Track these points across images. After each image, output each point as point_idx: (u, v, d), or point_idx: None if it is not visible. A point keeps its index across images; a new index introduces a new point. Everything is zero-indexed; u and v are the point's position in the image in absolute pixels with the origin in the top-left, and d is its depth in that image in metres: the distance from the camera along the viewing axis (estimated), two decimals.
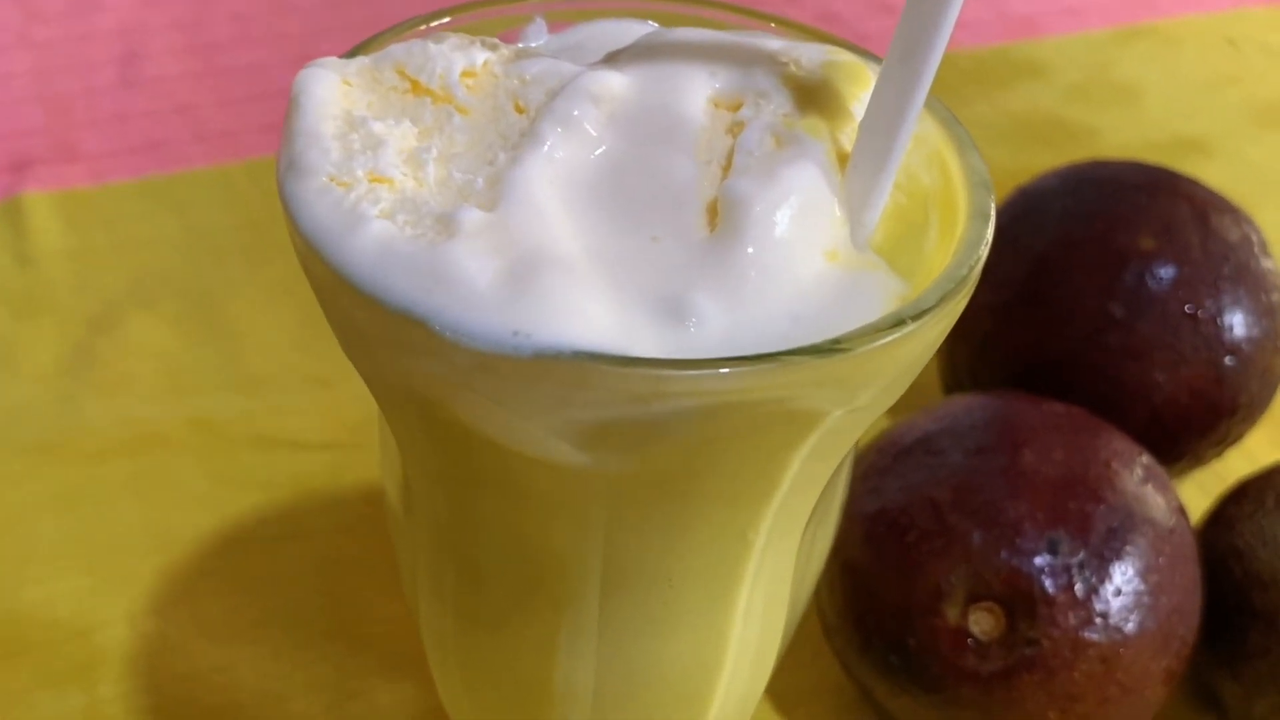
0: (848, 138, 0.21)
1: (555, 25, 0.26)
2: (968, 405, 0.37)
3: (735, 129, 0.22)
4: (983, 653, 0.33)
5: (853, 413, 0.20)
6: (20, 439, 0.46)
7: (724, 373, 0.18)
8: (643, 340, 0.19)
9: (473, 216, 0.19)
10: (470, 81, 0.22)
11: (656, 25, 0.26)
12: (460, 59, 0.22)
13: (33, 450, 0.46)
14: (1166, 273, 0.41)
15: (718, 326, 0.19)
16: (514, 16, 0.26)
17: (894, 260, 0.21)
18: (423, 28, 0.24)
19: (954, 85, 0.70)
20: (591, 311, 0.19)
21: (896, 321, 0.19)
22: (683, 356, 0.18)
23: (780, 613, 0.25)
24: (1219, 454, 0.45)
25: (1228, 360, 0.42)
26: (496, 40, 0.24)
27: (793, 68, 0.23)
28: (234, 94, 0.64)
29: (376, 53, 0.23)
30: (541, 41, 0.26)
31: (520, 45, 0.25)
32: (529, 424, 0.19)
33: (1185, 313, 0.41)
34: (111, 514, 0.44)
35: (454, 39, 0.23)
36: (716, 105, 0.22)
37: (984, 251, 0.21)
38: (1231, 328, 0.42)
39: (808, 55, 0.23)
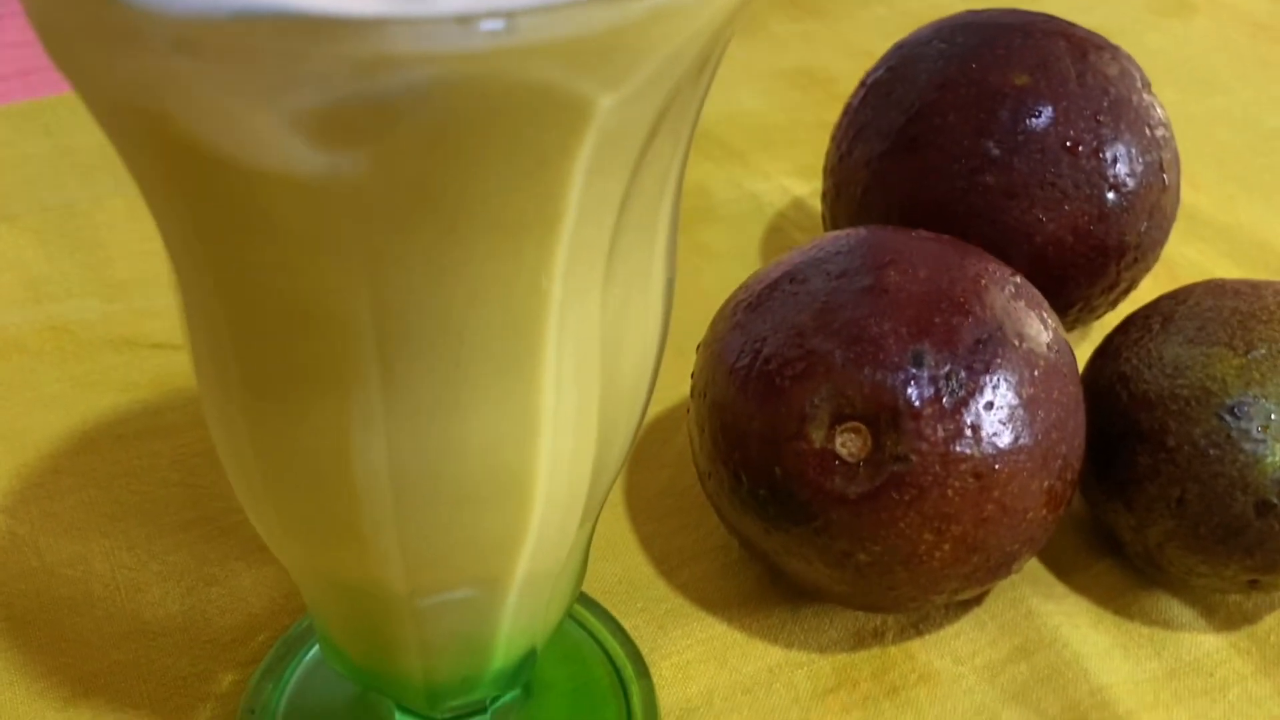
0: None
1: None
2: (835, 238, 0.35)
3: None
4: (851, 474, 0.32)
5: (624, 105, 0.18)
6: None
7: (455, 25, 0.16)
8: (367, 3, 0.17)
9: None
10: None
11: None
12: None
13: None
14: (1043, 108, 0.40)
15: None
16: None
17: None
18: None
19: None
20: None
21: None
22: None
23: (593, 387, 0.24)
24: (1112, 305, 0.44)
25: (1111, 196, 0.40)
26: None
27: None
28: None
29: None
30: None
31: None
32: (253, 114, 0.17)
33: (1064, 148, 0.40)
34: None
35: None
36: None
37: None
38: (1114, 162, 0.40)
39: None
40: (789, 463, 0.32)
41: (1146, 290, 0.43)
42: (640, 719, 0.34)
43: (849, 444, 0.32)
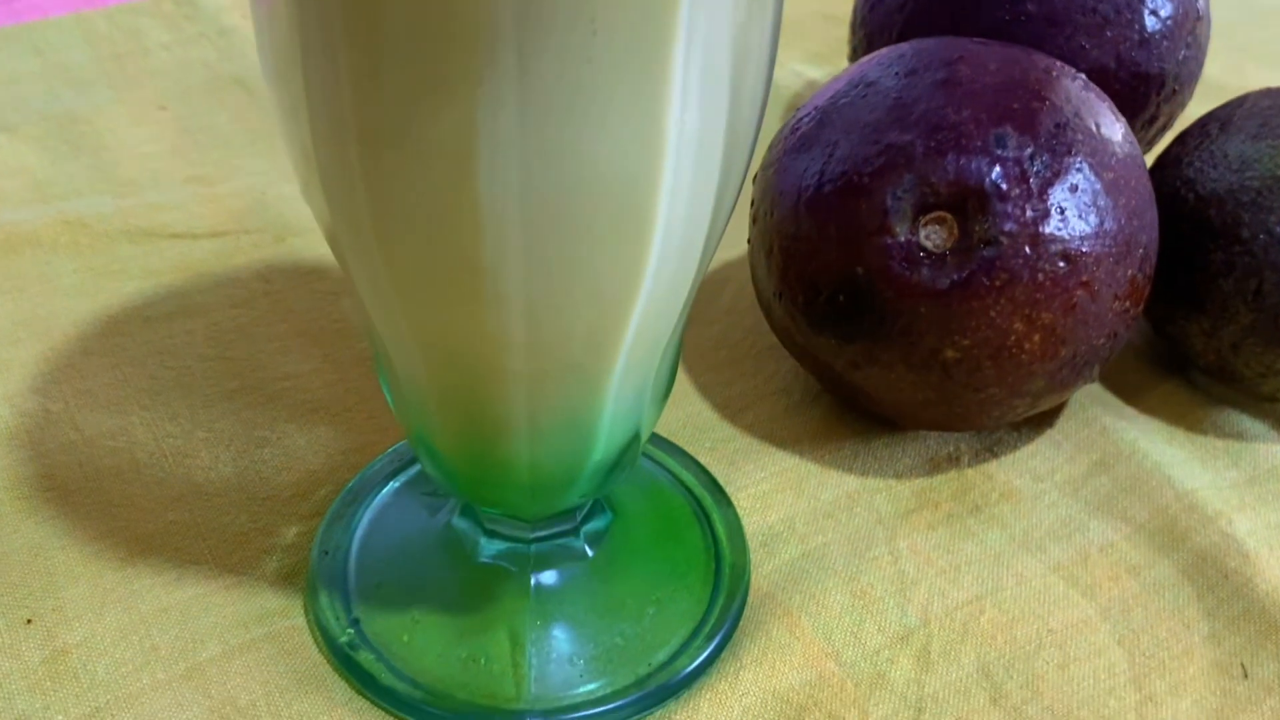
0: None
1: None
2: (894, 49, 0.35)
3: None
4: (938, 265, 0.31)
5: None
6: None
7: None
8: None
9: None
10: None
11: None
12: None
13: None
14: None
15: None
16: None
17: None
18: None
19: None
20: None
21: None
22: None
23: (720, 103, 0.23)
24: (1149, 144, 0.43)
25: (1150, 22, 0.40)
26: None
27: None
28: None
29: None
30: None
31: None
32: None
33: None
34: None
35: None
36: None
37: None
38: None
39: None
40: (871, 260, 0.31)
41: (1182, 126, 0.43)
42: (725, 543, 0.33)
43: (934, 235, 0.31)
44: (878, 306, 0.32)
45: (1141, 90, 0.41)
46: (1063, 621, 0.32)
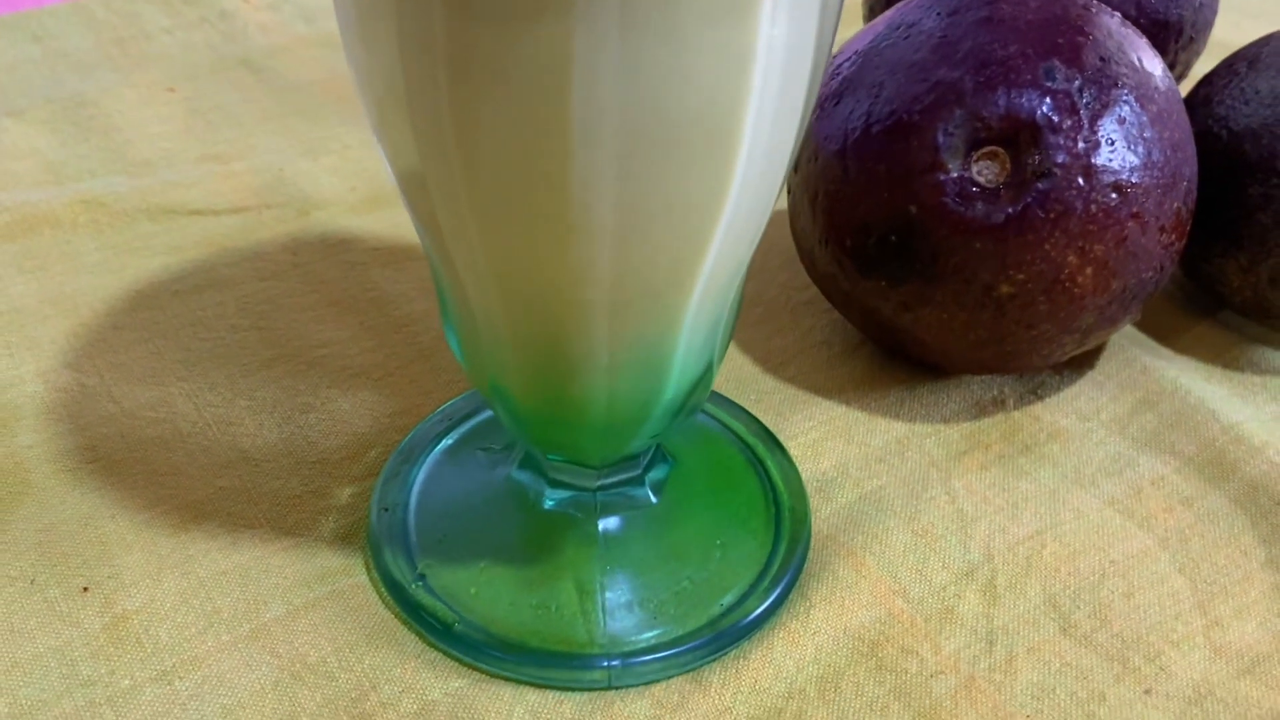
0: None
1: None
2: None
3: None
4: (992, 199, 0.31)
5: None
6: None
7: None
8: None
9: None
10: None
11: None
12: None
13: None
14: None
15: None
16: None
17: None
18: None
19: None
20: None
21: None
22: None
23: (808, 13, 0.22)
24: None
25: None
26: None
27: None
28: None
29: None
30: None
31: None
32: None
33: None
34: (2, 290, 0.39)
35: None
36: None
37: None
38: None
39: None
40: (925, 198, 0.31)
41: (1196, 76, 0.44)
42: (782, 489, 0.33)
43: (986, 170, 0.31)
44: (931, 245, 0.32)
45: (1161, 37, 0.41)
46: (1123, 552, 0.32)
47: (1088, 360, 0.37)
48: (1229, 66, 0.37)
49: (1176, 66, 0.43)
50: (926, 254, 0.32)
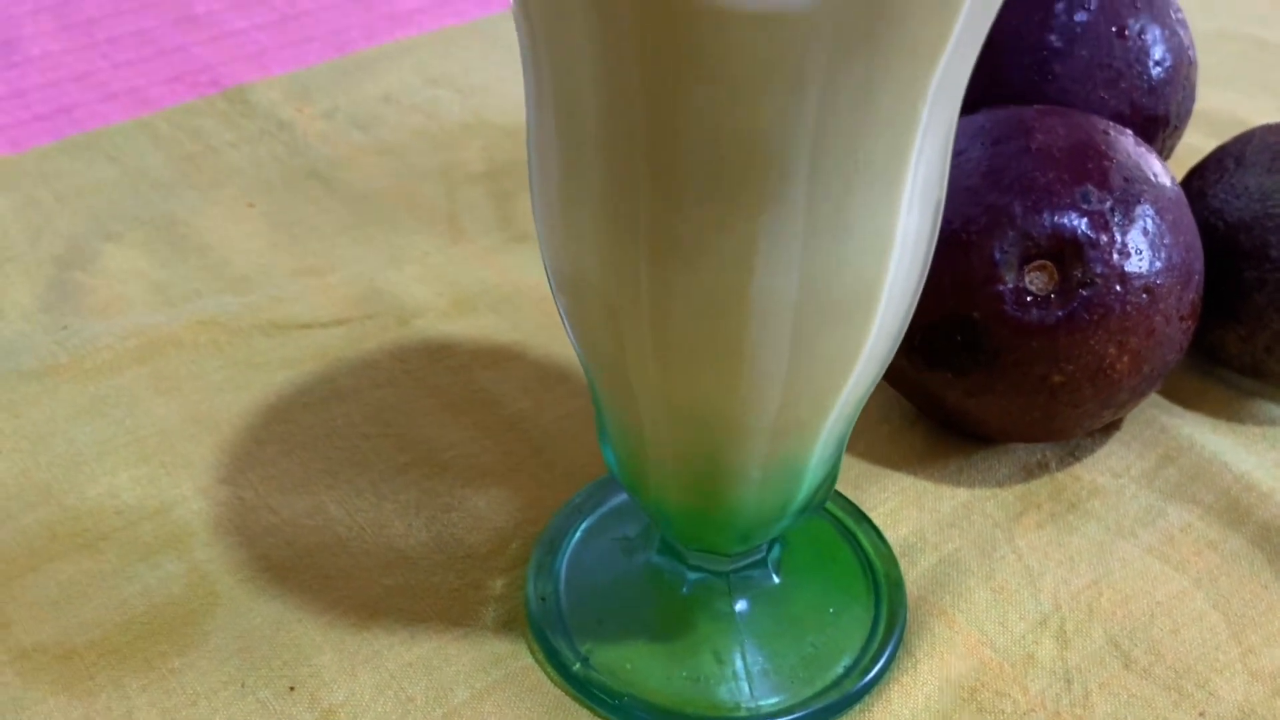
0: None
1: None
2: (972, 119, 0.40)
3: None
4: (1044, 305, 0.37)
5: None
6: (24, 367, 0.45)
7: None
8: None
9: None
10: None
11: None
12: None
13: (44, 374, 0.45)
14: (1091, 2, 0.46)
15: None
16: None
17: None
18: None
19: None
20: None
21: None
22: None
23: (930, 207, 0.28)
24: None
25: (1156, 72, 0.46)
26: None
27: None
28: (127, 58, 0.64)
29: None
30: None
31: None
32: None
33: (1114, 34, 0.46)
34: (145, 412, 0.44)
35: None
36: None
37: None
38: (1153, 43, 0.46)
39: None
40: (985, 305, 0.37)
41: (1176, 162, 0.50)
42: (874, 557, 0.38)
43: (1038, 280, 0.37)
44: (993, 344, 0.37)
45: (1150, 130, 0.47)
46: (1166, 594, 0.38)
47: (1115, 423, 0.43)
48: (1219, 161, 0.43)
49: (1164, 151, 0.49)
50: (989, 351, 0.37)
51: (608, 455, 0.34)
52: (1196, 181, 0.44)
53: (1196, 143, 0.56)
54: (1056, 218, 0.37)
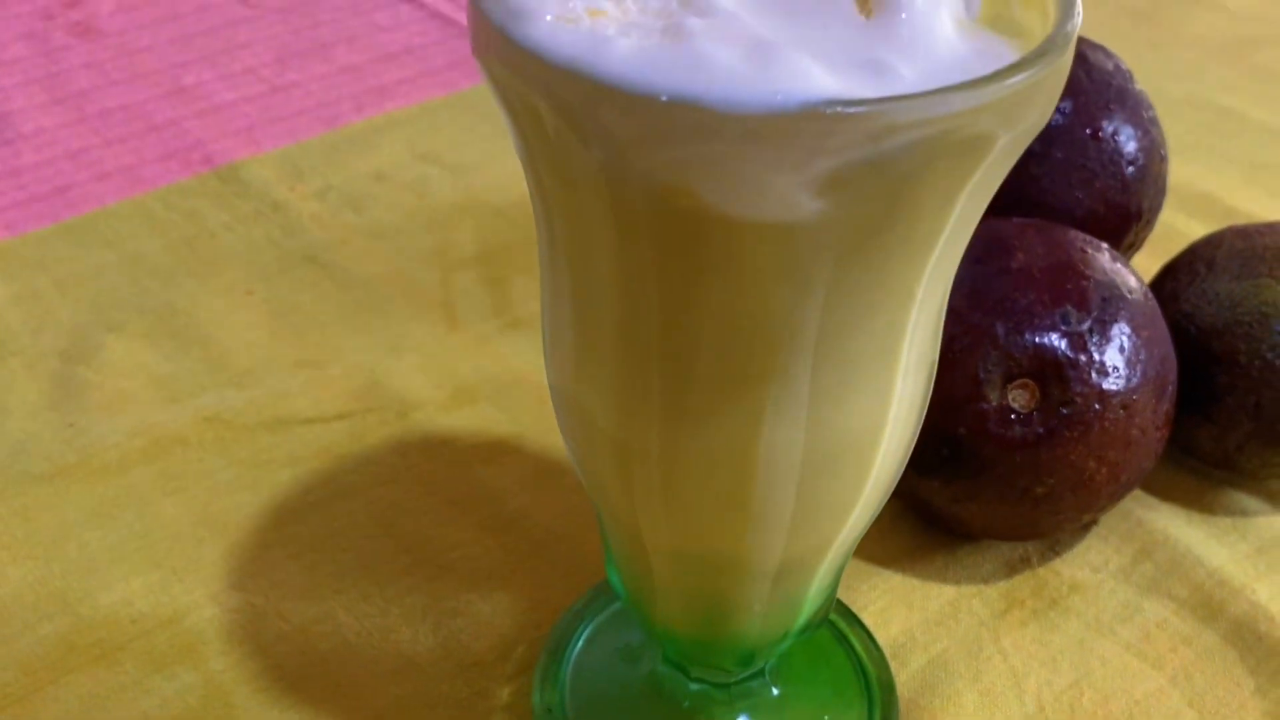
0: None
1: None
2: None
3: None
4: (1026, 422, 0.38)
5: (1014, 139, 0.25)
6: (33, 469, 0.46)
7: (946, 98, 0.22)
8: (865, 93, 0.23)
9: (695, 22, 0.23)
10: None
11: None
12: None
13: (53, 476, 0.46)
14: (1066, 105, 0.48)
15: (909, 77, 0.23)
16: None
17: (996, 29, 0.26)
18: None
19: None
20: (820, 75, 0.23)
21: (1048, 49, 0.24)
22: None
23: (924, 370, 0.30)
24: (1129, 257, 0.52)
25: (1129, 170, 0.48)
26: None
27: None
28: (118, 134, 0.65)
29: None
30: None
31: None
32: (779, 180, 0.23)
33: (1089, 136, 0.48)
34: (154, 514, 0.45)
35: None
36: None
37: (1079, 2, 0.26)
38: (1126, 143, 0.48)
39: None
40: (971, 422, 0.39)
41: (1150, 244, 0.52)
42: (866, 660, 0.40)
43: (1020, 398, 0.39)
44: (978, 458, 0.39)
45: (1124, 224, 0.49)
46: (1144, 692, 0.40)
47: (1095, 517, 0.45)
48: (1190, 265, 0.45)
49: (1137, 242, 0.50)
50: (975, 464, 0.39)
51: (613, 578, 0.35)
52: (1170, 283, 0.45)
53: (1166, 218, 0.58)
54: (1037, 339, 0.38)
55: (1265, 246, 0.44)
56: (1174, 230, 0.57)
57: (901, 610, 0.42)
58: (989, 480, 0.39)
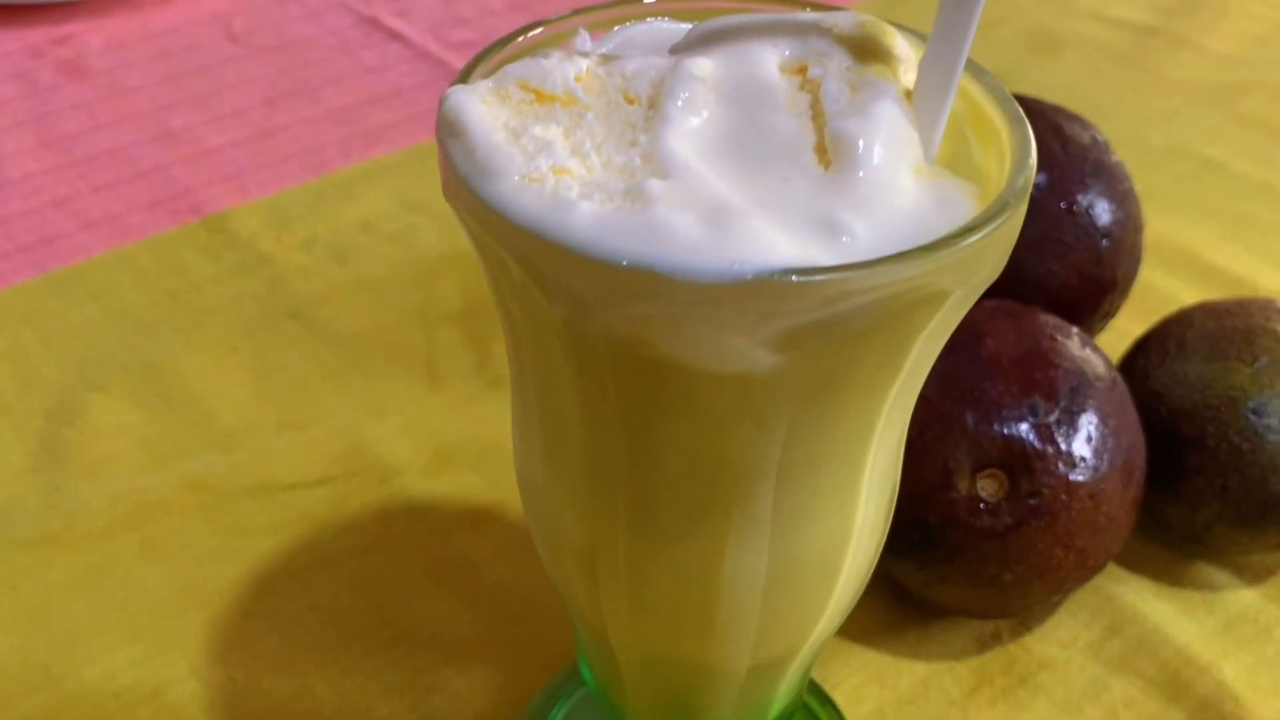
0: (905, 77, 0.27)
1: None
2: None
3: (808, 86, 0.27)
4: (995, 512, 0.39)
5: (968, 291, 0.25)
6: (18, 535, 0.47)
7: (897, 267, 0.23)
8: (819, 257, 0.23)
9: (655, 185, 0.24)
10: (582, 84, 0.26)
11: (674, 21, 0.30)
12: (569, 67, 0.26)
13: (38, 543, 0.47)
14: (1040, 179, 0.48)
15: (864, 236, 0.24)
16: (559, 33, 0.30)
17: (955, 171, 0.26)
18: (517, 41, 0.28)
19: None
20: (776, 239, 0.23)
21: (1003, 206, 0.24)
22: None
23: (886, 495, 0.30)
24: (1104, 327, 0.52)
25: (1104, 243, 0.49)
26: (584, 49, 0.28)
27: (835, 31, 0.27)
28: (106, 179, 0.65)
29: (494, 75, 0.27)
30: (589, 48, 0.30)
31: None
32: (736, 339, 0.23)
33: (1062, 209, 0.48)
34: (138, 584, 0.45)
35: (556, 53, 0.27)
36: (784, 70, 0.27)
37: (1034, 144, 0.26)
38: (1101, 216, 0.49)
39: (840, 20, 0.28)
40: (940, 510, 0.39)
41: (1125, 310, 0.52)
42: None
43: (988, 488, 0.39)
44: (948, 545, 0.40)
45: (1099, 296, 0.50)
46: None
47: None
48: (1161, 343, 0.46)
49: (1112, 311, 0.51)
50: (944, 550, 0.40)
51: (584, 668, 0.36)
52: (1141, 360, 0.46)
53: (1144, 274, 0.58)
54: (1006, 430, 0.39)
55: (1235, 329, 0.44)
56: (1151, 288, 0.58)
57: (873, 688, 0.43)
58: (958, 566, 0.40)
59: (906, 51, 0.27)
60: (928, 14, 0.26)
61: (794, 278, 0.22)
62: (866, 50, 0.27)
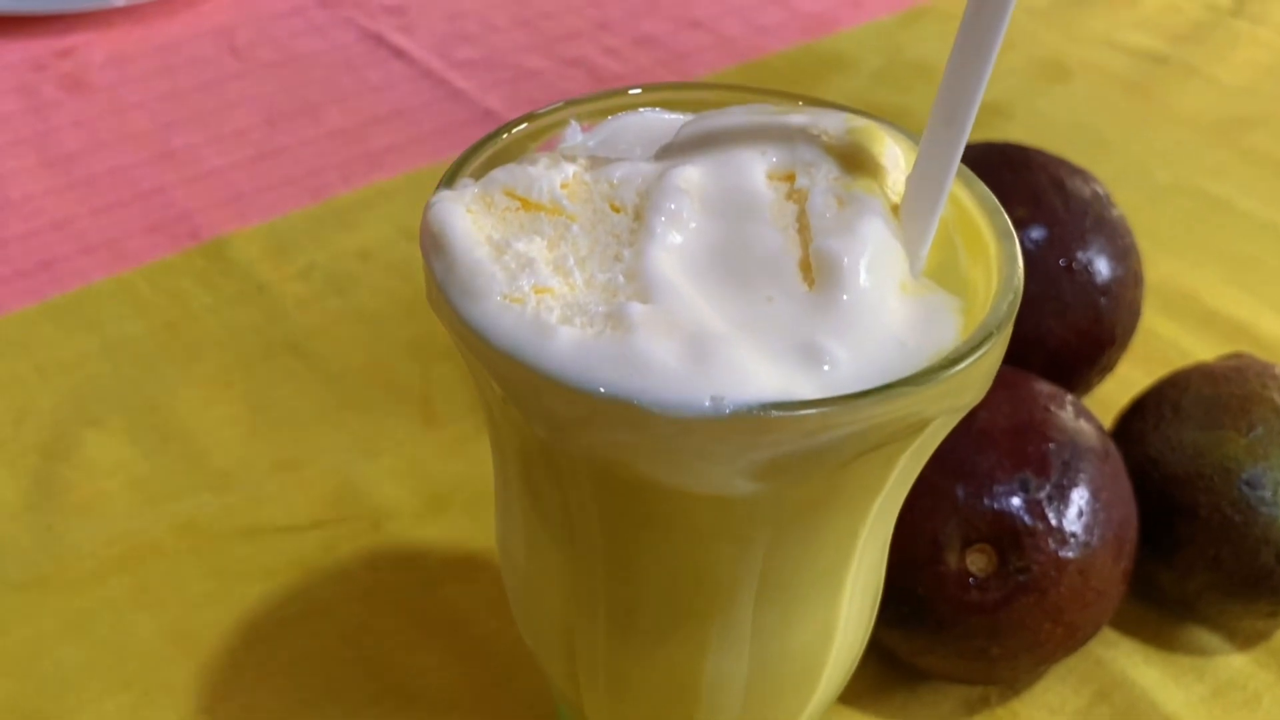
0: (892, 190, 0.26)
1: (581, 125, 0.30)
2: None
3: (795, 196, 0.26)
4: (983, 587, 0.39)
5: (952, 416, 0.25)
6: (11, 577, 0.47)
7: (878, 400, 0.23)
8: (800, 386, 0.23)
9: (637, 309, 0.23)
10: (568, 191, 0.26)
11: (665, 112, 0.30)
12: (556, 174, 0.26)
13: (29, 585, 0.47)
14: (1040, 235, 0.48)
15: (846, 362, 0.24)
16: (550, 124, 0.30)
17: (942, 282, 0.26)
18: (504, 137, 0.28)
19: (774, 85, 0.76)
20: (756, 369, 0.23)
21: (986, 335, 0.24)
22: (831, 395, 0.23)
23: (871, 592, 0.30)
24: (1102, 379, 0.52)
25: (1102, 300, 0.48)
26: (572, 152, 0.28)
27: (824, 137, 0.27)
28: (105, 201, 0.65)
29: (480, 180, 0.27)
30: (579, 140, 0.29)
31: (565, 145, 0.29)
32: (716, 468, 0.23)
33: (1061, 266, 0.48)
34: (129, 630, 0.45)
35: (543, 158, 0.27)
36: (772, 178, 0.27)
37: (1021, 263, 0.26)
38: (1100, 272, 0.48)
39: (830, 123, 0.28)
40: (930, 584, 0.39)
41: (1125, 359, 0.52)
42: None
43: (978, 562, 0.39)
44: (936, 617, 0.39)
45: (1097, 352, 0.49)
46: None
47: None
48: (1156, 406, 0.45)
49: (1111, 365, 0.51)
50: (932, 622, 0.40)
51: None
52: (1136, 424, 0.46)
53: (1144, 319, 0.58)
54: (996, 504, 0.39)
55: (1230, 395, 0.44)
56: (1151, 335, 0.58)
57: None
58: (946, 638, 0.40)
59: (896, 158, 0.27)
60: (939, 32, 0.26)
61: (773, 413, 0.22)
62: (854, 161, 0.27)
